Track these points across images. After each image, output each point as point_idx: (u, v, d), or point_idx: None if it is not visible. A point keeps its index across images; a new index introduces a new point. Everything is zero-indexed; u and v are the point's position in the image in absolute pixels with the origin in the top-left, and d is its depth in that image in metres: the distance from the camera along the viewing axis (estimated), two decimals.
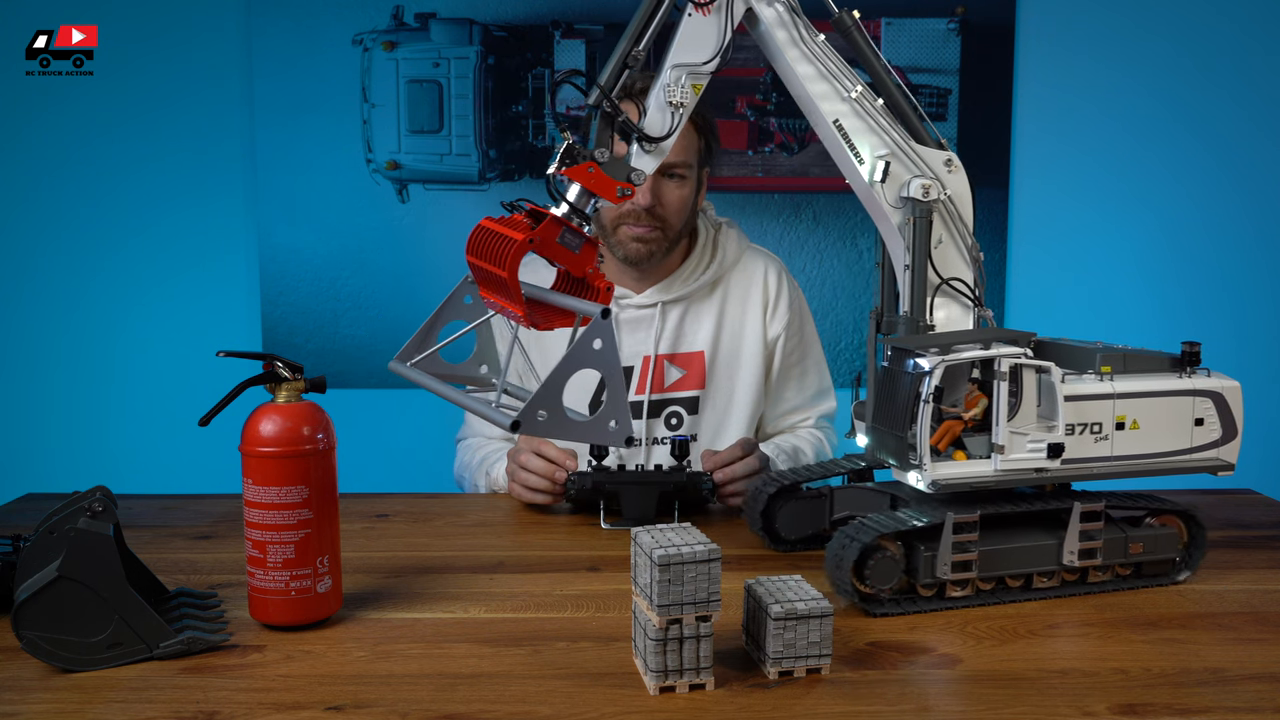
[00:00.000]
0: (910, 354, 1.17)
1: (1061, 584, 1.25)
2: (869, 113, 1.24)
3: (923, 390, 1.14)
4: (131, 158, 2.84)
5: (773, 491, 1.38)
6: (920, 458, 1.15)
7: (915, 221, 1.24)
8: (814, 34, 1.23)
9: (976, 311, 1.29)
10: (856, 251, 2.92)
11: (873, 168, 1.25)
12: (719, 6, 1.18)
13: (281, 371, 1.13)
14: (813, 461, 1.84)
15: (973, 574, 1.19)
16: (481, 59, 2.83)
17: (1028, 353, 1.19)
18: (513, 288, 1.08)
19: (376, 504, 1.65)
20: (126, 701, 0.97)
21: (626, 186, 1.15)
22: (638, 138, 1.18)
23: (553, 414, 1.00)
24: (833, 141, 1.26)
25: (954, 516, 1.17)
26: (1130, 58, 2.87)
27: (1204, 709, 0.96)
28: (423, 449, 2.56)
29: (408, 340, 1.23)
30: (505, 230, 1.10)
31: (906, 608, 1.19)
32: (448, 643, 1.11)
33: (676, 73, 1.18)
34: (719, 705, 0.97)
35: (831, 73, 1.23)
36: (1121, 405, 1.23)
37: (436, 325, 1.24)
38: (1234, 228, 2.93)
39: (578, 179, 1.14)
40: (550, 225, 1.10)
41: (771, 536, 1.41)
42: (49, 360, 2.89)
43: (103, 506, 1.06)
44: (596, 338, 1.01)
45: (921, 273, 1.25)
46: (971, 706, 0.97)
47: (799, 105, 1.27)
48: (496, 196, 2.87)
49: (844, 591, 1.17)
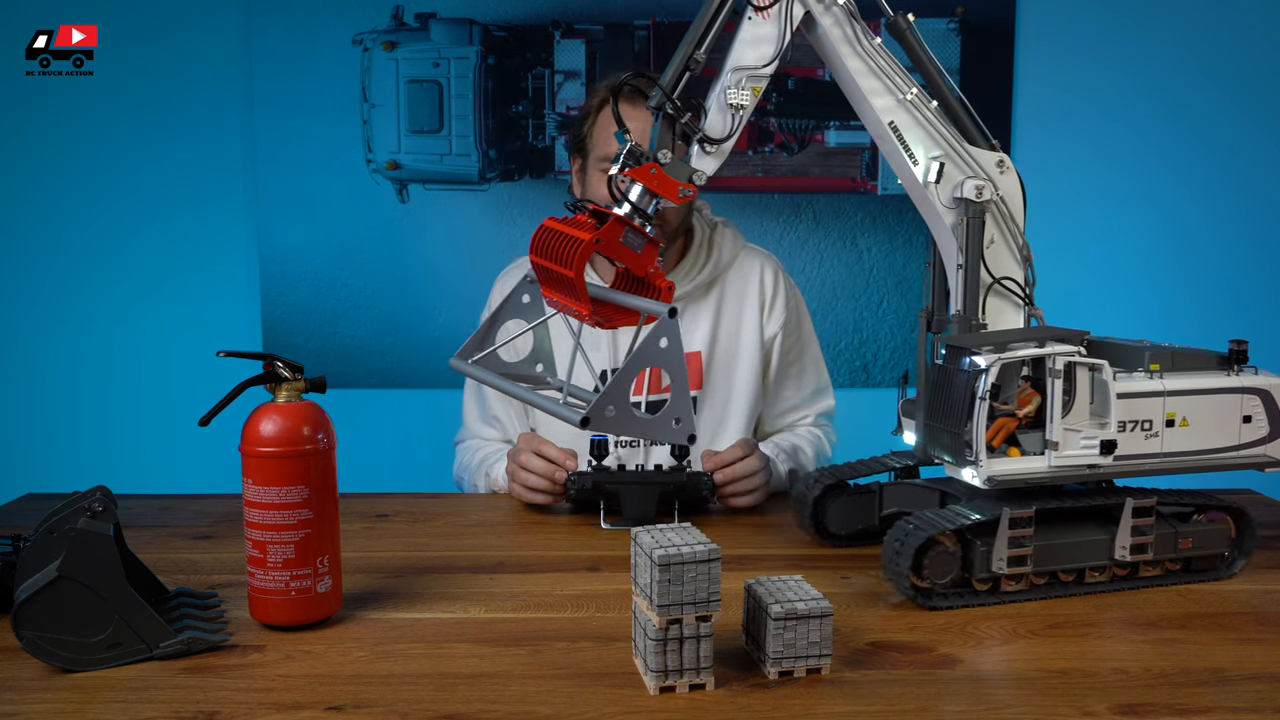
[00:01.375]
0: (966, 352, 1.19)
1: (1112, 579, 1.27)
2: (923, 115, 1.26)
3: (979, 388, 1.16)
4: (131, 158, 2.84)
5: (821, 490, 1.40)
6: (976, 454, 1.18)
7: (968, 222, 1.26)
8: (870, 37, 1.24)
9: (1027, 310, 1.31)
10: (856, 251, 2.92)
11: (927, 169, 1.27)
12: (778, 10, 1.20)
13: (281, 371, 1.13)
14: (812, 459, 1.85)
15: (1028, 568, 1.21)
16: (481, 59, 2.83)
17: (1081, 351, 1.21)
18: (579, 287, 1.09)
19: (376, 504, 1.65)
20: (126, 701, 0.97)
21: (688, 187, 1.17)
22: (699, 139, 1.19)
23: (620, 410, 1.02)
24: (887, 143, 1.27)
25: (1010, 512, 1.19)
26: (1130, 58, 2.87)
27: (1204, 709, 0.96)
28: (423, 449, 2.57)
29: (468, 338, 1.25)
30: (571, 230, 1.11)
31: (959, 601, 1.21)
32: (448, 643, 1.11)
33: (737, 75, 1.20)
34: (719, 705, 0.97)
35: (886, 75, 1.25)
36: (1172, 402, 1.25)
37: (496, 323, 1.26)
38: (1235, 225, 2.93)
39: (640, 180, 1.16)
40: (614, 225, 1.12)
41: (821, 532, 1.42)
42: (49, 360, 2.89)
43: (103, 506, 1.06)
44: (663, 336, 1.03)
45: (975, 272, 1.27)
46: (971, 706, 0.97)
47: (853, 107, 1.28)
48: (496, 196, 2.87)
49: (901, 586, 1.19)
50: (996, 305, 1.30)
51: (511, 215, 2.88)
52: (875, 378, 2.97)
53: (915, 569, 1.18)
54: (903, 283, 2.94)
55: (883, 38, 1.26)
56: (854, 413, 2.72)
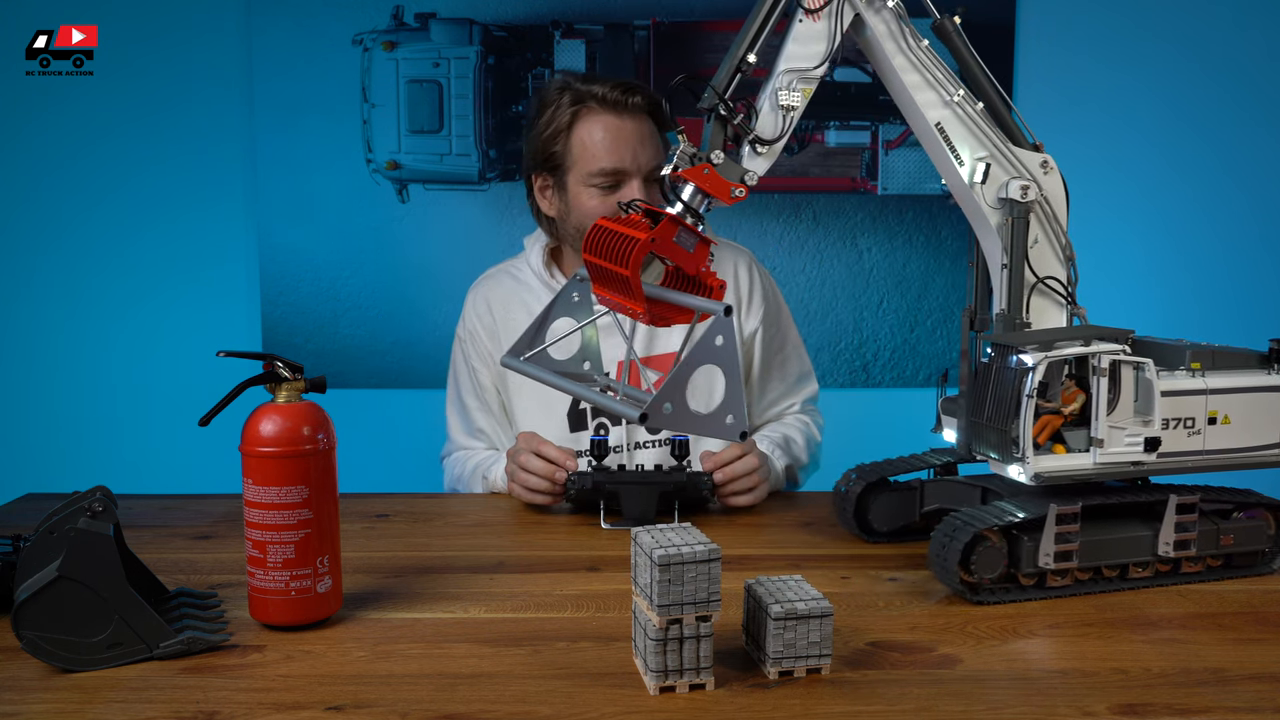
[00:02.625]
0: (1013, 350, 1.21)
1: (1155, 574, 1.28)
2: (969, 116, 1.27)
3: (1026, 386, 1.18)
4: (131, 158, 2.84)
5: (862, 488, 1.42)
6: (1023, 451, 1.19)
7: (1013, 222, 1.27)
8: (918, 40, 1.26)
9: (1069, 309, 1.32)
10: (856, 252, 2.92)
11: (972, 169, 1.28)
12: (829, 12, 1.21)
13: (281, 371, 1.13)
14: (804, 448, 1.85)
15: (1073, 564, 1.23)
16: (481, 59, 2.83)
17: (1126, 349, 1.22)
18: (635, 286, 1.10)
19: (376, 504, 1.65)
20: (126, 701, 0.97)
21: (739, 187, 1.19)
22: (751, 140, 1.20)
23: (677, 407, 1.03)
24: (933, 144, 1.28)
25: (1057, 508, 1.21)
26: (1130, 58, 2.87)
27: (1204, 709, 0.96)
28: (423, 449, 2.56)
29: (519, 337, 1.27)
30: (627, 230, 1.13)
31: (1006, 596, 1.22)
32: (448, 643, 1.11)
33: (788, 77, 1.21)
34: (719, 705, 0.97)
35: (934, 77, 1.26)
36: (1214, 400, 1.27)
37: (547, 322, 1.27)
38: (1237, 224, 2.94)
39: (693, 179, 1.17)
40: (668, 225, 1.13)
41: (864, 529, 1.44)
42: (49, 360, 2.89)
43: (103, 506, 1.06)
44: (719, 334, 1.04)
45: (1019, 272, 1.28)
46: (971, 706, 0.97)
47: (900, 109, 1.30)
48: (496, 196, 2.87)
49: (950, 581, 1.20)
50: (1040, 304, 1.31)
51: (511, 215, 2.88)
52: (875, 378, 2.97)
53: (963, 564, 1.20)
54: (902, 283, 2.94)
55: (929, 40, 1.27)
56: (854, 413, 2.73)
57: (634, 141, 1.71)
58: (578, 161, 1.72)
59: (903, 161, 2.88)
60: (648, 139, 1.72)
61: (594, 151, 1.70)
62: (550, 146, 1.74)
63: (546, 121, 1.74)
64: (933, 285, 2.93)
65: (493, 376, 1.87)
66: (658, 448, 1.79)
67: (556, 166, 1.75)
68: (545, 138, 1.75)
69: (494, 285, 1.90)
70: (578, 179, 1.73)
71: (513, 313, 1.85)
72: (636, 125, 1.72)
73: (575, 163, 1.73)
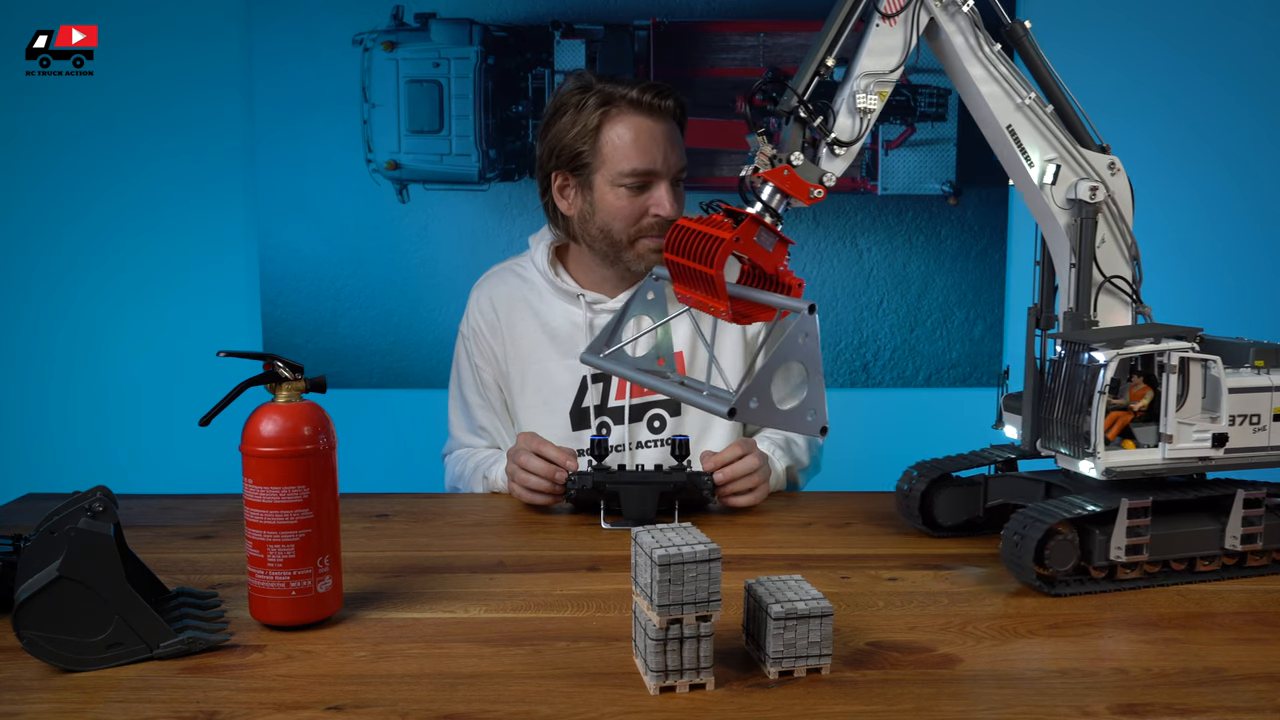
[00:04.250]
0: (1085, 348, 1.24)
1: (1222, 568, 1.31)
2: (1040, 119, 1.29)
3: (1098, 383, 1.21)
4: (131, 158, 2.84)
5: (926, 485, 1.44)
6: (1095, 447, 1.22)
7: (1082, 222, 1.29)
8: (991, 44, 1.28)
9: (1134, 307, 1.35)
10: (856, 251, 2.92)
11: (1043, 171, 1.30)
12: (905, 17, 1.23)
13: (282, 371, 1.13)
14: (805, 450, 1.86)
15: (1144, 557, 1.25)
16: (481, 59, 2.83)
17: (1195, 347, 1.26)
18: (719, 284, 1.13)
19: (376, 504, 1.65)
20: (126, 701, 0.97)
21: (817, 188, 1.21)
22: (829, 143, 1.22)
23: (763, 402, 1.05)
24: (1004, 146, 1.30)
25: (1128, 502, 1.23)
26: (1130, 57, 2.87)
27: (1204, 709, 0.97)
28: (423, 449, 2.56)
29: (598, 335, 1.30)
30: (711, 230, 1.15)
31: (1080, 589, 1.25)
32: (448, 643, 1.11)
33: (865, 80, 1.23)
34: (719, 705, 0.97)
35: (1005, 81, 1.28)
36: (1279, 397, 1.30)
37: (624, 319, 1.29)
38: (1239, 222, 2.94)
39: (773, 180, 1.19)
40: (750, 224, 1.15)
41: (929, 523, 1.47)
42: (49, 360, 2.89)
43: (103, 506, 1.06)
44: (804, 332, 1.06)
45: (1087, 271, 1.31)
46: (971, 706, 0.97)
47: (971, 111, 1.32)
48: (496, 196, 2.87)
49: (1024, 575, 1.22)
50: (1107, 302, 1.33)
51: (511, 215, 2.88)
52: (875, 378, 2.97)
53: (1037, 558, 1.22)
54: (902, 283, 2.94)
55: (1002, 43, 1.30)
56: (854, 413, 2.73)
57: (664, 144, 1.72)
58: (607, 161, 1.72)
59: (903, 161, 2.88)
60: (676, 141, 1.74)
61: (625, 152, 1.70)
62: (577, 146, 1.73)
63: (571, 121, 1.73)
64: (933, 285, 2.93)
65: (495, 374, 1.87)
66: (659, 447, 1.79)
67: (582, 166, 1.75)
68: (571, 137, 1.73)
69: (498, 283, 1.90)
70: (605, 179, 1.73)
71: (516, 310, 1.85)
72: (666, 128, 1.73)
73: (604, 163, 1.72)
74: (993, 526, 1.46)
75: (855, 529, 1.52)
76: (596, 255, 1.79)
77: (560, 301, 1.83)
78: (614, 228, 1.74)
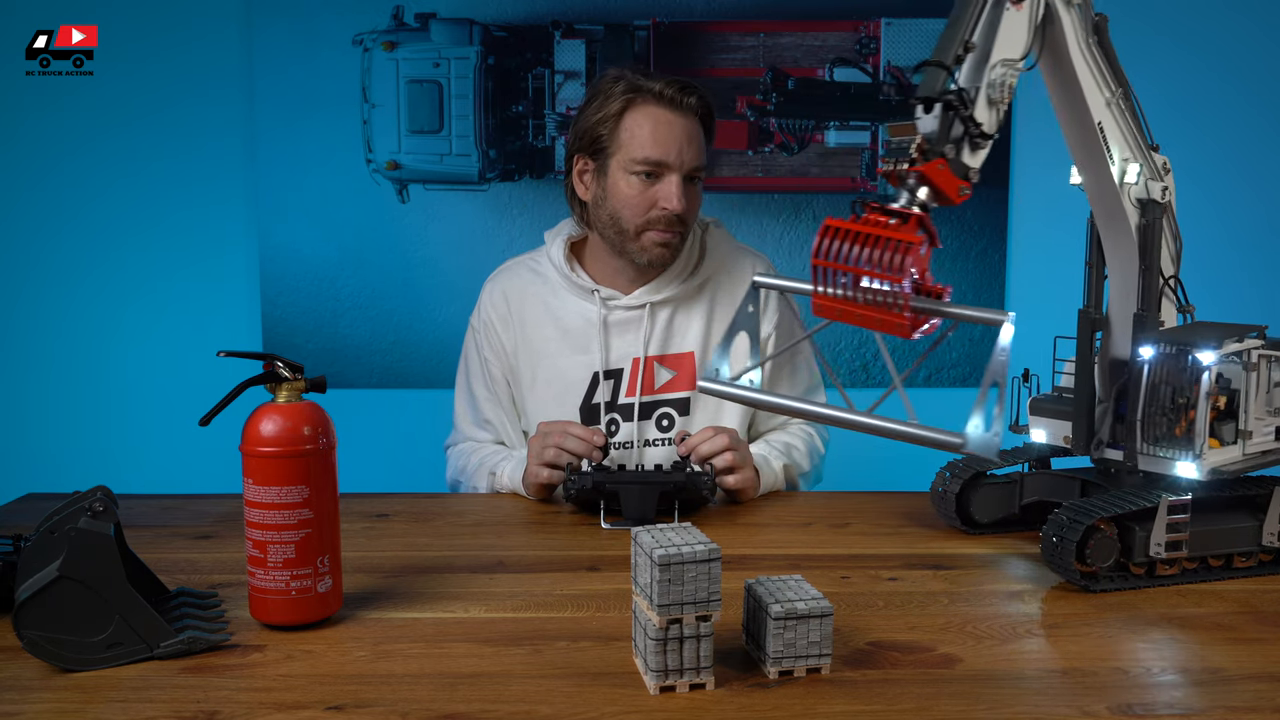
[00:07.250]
0: (1188, 349, 1.26)
1: (1259, 564, 1.32)
2: (1124, 116, 1.28)
3: (1204, 384, 1.23)
4: (131, 157, 2.84)
5: (960, 486, 1.46)
6: (1199, 448, 1.24)
7: (1152, 223, 1.30)
8: (1092, 38, 1.25)
9: (1178, 307, 1.36)
10: None
11: (1122, 170, 1.29)
12: (1030, 2, 1.18)
13: (282, 371, 1.13)
14: (805, 455, 1.85)
15: (1183, 553, 1.26)
16: (481, 59, 2.83)
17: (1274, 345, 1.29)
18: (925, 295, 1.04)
19: (376, 504, 1.65)
20: (126, 701, 0.97)
21: (965, 185, 1.12)
22: (973, 136, 1.13)
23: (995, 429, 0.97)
24: (1091, 143, 1.27)
25: (1168, 499, 1.25)
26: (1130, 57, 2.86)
27: (1204, 709, 0.97)
28: (423, 449, 2.57)
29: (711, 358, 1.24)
30: (891, 234, 1.04)
31: (1123, 584, 1.26)
32: (448, 643, 1.11)
33: (1001, 69, 1.17)
34: (719, 705, 0.97)
35: (1101, 76, 1.26)
36: None
37: (731, 337, 1.23)
38: (1240, 222, 2.93)
39: (931, 175, 1.10)
40: (919, 224, 1.06)
41: (965, 520, 1.48)
42: (49, 360, 2.89)
43: (103, 506, 1.06)
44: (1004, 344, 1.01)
45: (1155, 272, 1.31)
46: (971, 706, 0.97)
47: (1060, 108, 1.27)
48: (496, 196, 2.87)
49: (1066, 572, 1.23)
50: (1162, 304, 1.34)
51: (511, 215, 2.88)
52: (875, 378, 2.97)
53: (1078, 555, 1.23)
54: None
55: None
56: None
57: (681, 138, 1.72)
58: (623, 147, 1.73)
59: None
60: (695, 139, 1.74)
61: (641, 140, 1.71)
62: (598, 130, 1.76)
63: (598, 107, 1.76)
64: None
65: (504, 368, 1.87)
66: (666, 446, 1.80)
67: (601, 150, 1.76)
68: (594, 121, 1.76)
69: (511, 277, 1.90)
70: (619, 164, 1.74)
71: (529, 304, 1.86)
72: (686, 123, 1.73)
73: (620, 148, 1.74)
74: (1029, 523, 1.48)
75: (855, 529, 1.52)
76: (607, 244, 1.80)
77: (574, 297, 1.84)
78: (623, 215, 1.74)
